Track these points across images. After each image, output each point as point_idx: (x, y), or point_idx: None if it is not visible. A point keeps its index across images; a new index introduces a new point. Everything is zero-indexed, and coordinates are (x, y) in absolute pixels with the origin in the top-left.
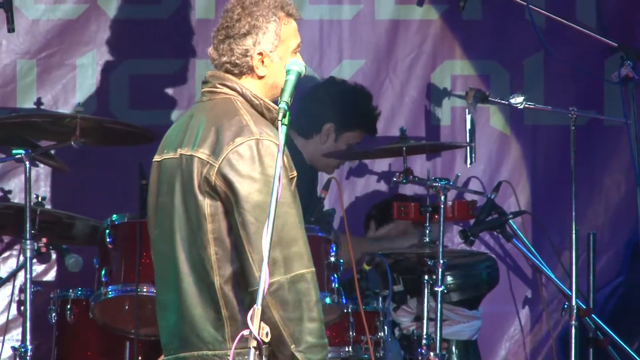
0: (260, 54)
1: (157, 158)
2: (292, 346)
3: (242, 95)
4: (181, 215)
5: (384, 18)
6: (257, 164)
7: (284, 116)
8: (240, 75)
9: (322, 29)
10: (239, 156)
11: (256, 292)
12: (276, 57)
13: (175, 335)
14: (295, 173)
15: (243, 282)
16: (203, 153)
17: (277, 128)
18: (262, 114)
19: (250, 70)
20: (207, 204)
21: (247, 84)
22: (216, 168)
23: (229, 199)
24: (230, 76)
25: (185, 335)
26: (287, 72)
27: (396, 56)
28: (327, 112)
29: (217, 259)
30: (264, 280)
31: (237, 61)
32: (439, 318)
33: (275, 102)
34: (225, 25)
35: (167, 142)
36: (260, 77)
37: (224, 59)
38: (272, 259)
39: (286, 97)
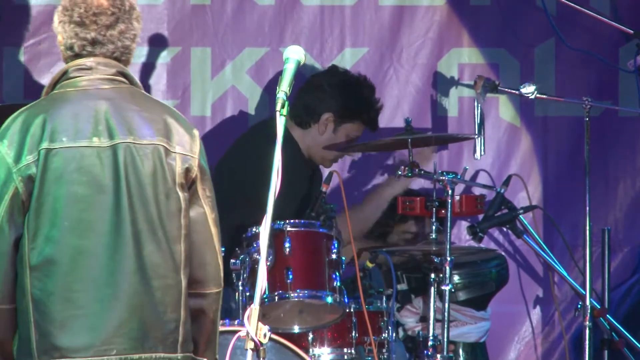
0: None
1: (50, 146)
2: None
3: (136, 85)
4: (134, 209)
5: (388, 4)
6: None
7: (282, 107)
8: (126, 64)
9: (323, 15)
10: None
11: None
12: None
13: (120, 335)
14: None
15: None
16: (178, 146)
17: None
18: None
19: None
20: (182, 198)
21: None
22: (197, 161)
23: (196, 194)
24: (120, 64)
25: (135, 335)
26: (286, 60)
27: (401, 44)
28: (327, 101)
29: (185, 256)
30: (261, 279)
31: (131, 45)
32: (446, 318)
33: None
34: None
35: (64, 130)
36: None
37: (111, 46)
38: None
39: (284, 86)
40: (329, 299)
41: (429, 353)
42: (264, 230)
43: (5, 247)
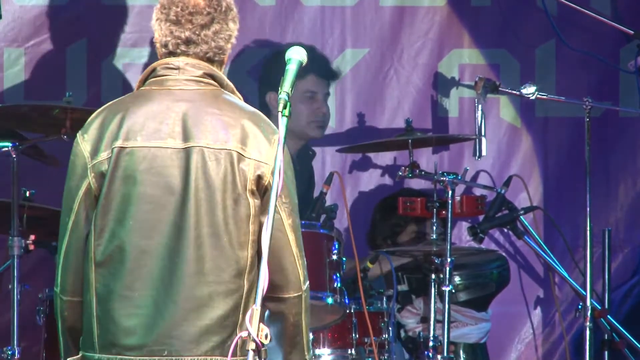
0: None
1: (124, 144)
2: (307, 354)
3: (225, 87)
4: (200, 213)
5: (388, 4)
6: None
7: (284, 107)
8: (220, 64)
9: (324, 15)
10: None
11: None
12: None
13: (173, 337)
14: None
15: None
16: (253, 152)
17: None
18: None
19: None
20: (252, 204)
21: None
22: (271, 168)
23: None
24: (211, 65)
25: (189, 338)
26: (288, 60)
27: (401, 44)
28: (269, 83)
29: (251, 262)
30: (263, 279)
31: (225, 46)
32: (446, 319)
33: None
34: (210, 10)
35: (140, 130)
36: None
37: (205, 46)
38: (303, 264)
39: (287, 87)
40: (330, 300)
41: (430, 354)
42: (266, 231)
43: (80, 243)
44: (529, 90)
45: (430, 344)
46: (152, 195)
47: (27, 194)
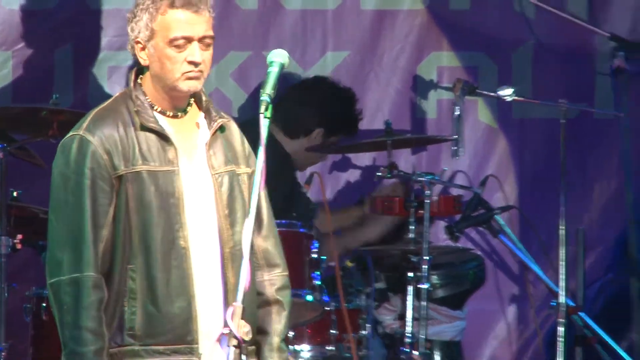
0: (137, 42)
1: None
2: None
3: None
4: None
5: (369, 8)
6: (56, 160)
7: (266, 109)
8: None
9: (305, 19)
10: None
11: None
12: (151, 47)
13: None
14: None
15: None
16: None
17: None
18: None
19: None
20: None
21: (148, 76)
22: None
23: None
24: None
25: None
26: (270, 63)
27: (381, 48)
28: (318, 117)
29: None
30: (244, 277)
31: (130, 49)
32: (422, 316)
33: (171, 92)
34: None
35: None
36: (148, 68)
37: None
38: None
39: (268, 89)
40: (309, 297)
41: (406, 349)
42: (247, 230)
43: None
44: (506, 93)
45: (407, 340)
46: None
47: (15, 194)
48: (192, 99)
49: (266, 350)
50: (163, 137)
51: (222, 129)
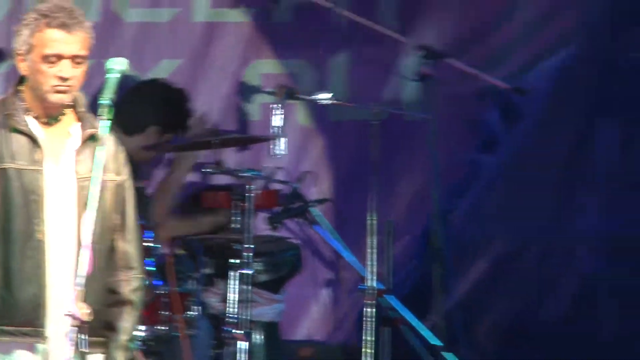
0: (18, 54)
1: None
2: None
3: None
4: None
5: (199, 20)
6: None
7: (106, 112)
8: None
9: (142, 30)
10: None
11: None
12: (29, 60)
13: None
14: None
15: None
16: None
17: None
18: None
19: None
20: None
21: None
22: None
23: None
24: None
25: None
26: (109, 70)
27: (211, 56)
28: (152, 115)
29: None
30: (83, 264)
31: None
32: (245, 299)
33: (43, 102)
34: None
35: None
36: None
37: None
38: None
39: (107, 94)
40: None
41: (230, 329)
42: (87, 221)
43: None
44: (323, 97)
45: (231, 320)
46: None
47: None
48: (71, 109)
49: (112, 347)
50: (32, 139)
51: (93, 138)
